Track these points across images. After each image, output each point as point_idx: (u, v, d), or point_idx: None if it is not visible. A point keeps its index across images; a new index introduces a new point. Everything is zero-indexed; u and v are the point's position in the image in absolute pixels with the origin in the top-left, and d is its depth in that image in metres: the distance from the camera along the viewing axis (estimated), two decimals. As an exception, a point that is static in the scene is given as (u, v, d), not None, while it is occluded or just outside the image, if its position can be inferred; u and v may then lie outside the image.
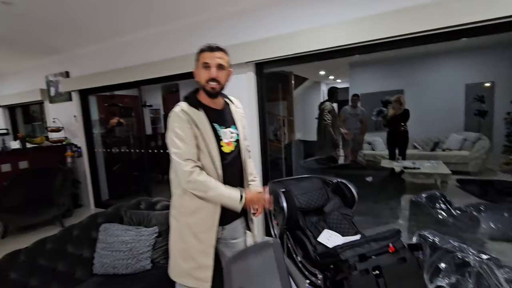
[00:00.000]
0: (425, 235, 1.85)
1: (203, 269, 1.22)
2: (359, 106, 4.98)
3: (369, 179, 3.15)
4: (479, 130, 5.17)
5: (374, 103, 6.10)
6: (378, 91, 6.10)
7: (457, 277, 1.61)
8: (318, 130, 4.13)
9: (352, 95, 5.12)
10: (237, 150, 1.35)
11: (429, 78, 5.67)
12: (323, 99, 6.71)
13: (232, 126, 1.36)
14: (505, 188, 3.61)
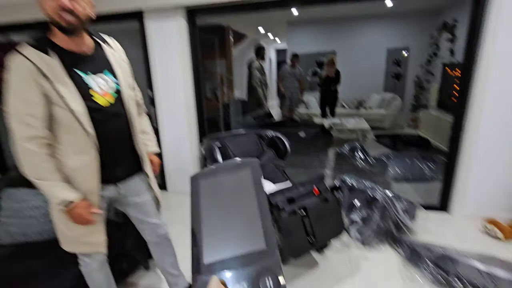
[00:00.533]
0: (345, 178, 2.09)
1: (94, 234, 1.12)
2: (298, 66, 5.10)
3: (302, 135, 3.35)
4: (394, 91, 5.88)
5: (309, 64, 6.32)
6: (314, 51, 6.29)
7: (368, 211, 1.90)
8: (248, 88, 4.12)
9: (292, 55, 5.17)
10: (119, 104, 1.10)
11: (358, 41, 6.06)
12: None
13: (106, 72, 1.08)
14: (409, 140, 4.30)
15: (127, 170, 1.19)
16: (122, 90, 1.11)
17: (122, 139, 1.14)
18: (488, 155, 2.11)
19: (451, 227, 2.17)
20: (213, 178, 0.29)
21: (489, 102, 2.00)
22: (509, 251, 1.86)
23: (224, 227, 0.26)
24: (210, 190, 0.28)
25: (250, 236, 0.25)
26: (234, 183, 0.28)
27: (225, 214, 0.27)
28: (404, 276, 1.65)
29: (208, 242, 0.26)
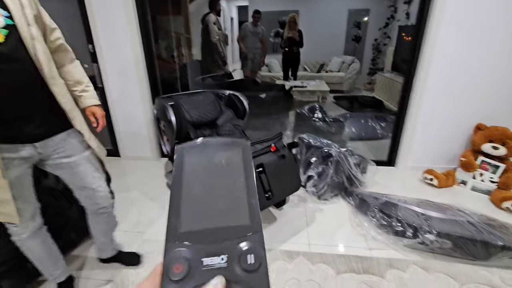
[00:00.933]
0: (303, 137, 2.13)
1: (3, 204, 0.96)
2: (260, 25, 4.84)
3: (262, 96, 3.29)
4: (354, 54, 5.99)
5: (272, 24, 6.07)
6: (276, 10, 6.02)
7: (323, 166, 1.98)
8: (203, 46, 3.84)
9: (254, 11, 4.87)
10: (14, 44, 0.88)
11: (320, 1, 5.90)
12: (223, 17, 6.20)
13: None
14: (365, 101, 4.49)
15: (44, 127, 1.00)
16: (19, 27, 0.88)
17: (26, 89, 0.94)
18: (430, 112, 2.28)
19: (396, 178, 2.38)
20: (200, 152, 0.27)
21: (435, 64, 2.12)
22: (441, 196, 2.11)
23: (206, 199, 0.24)
24: (195, 163, 0.26)
25: (234, 211, 0.23)
26: (222, 160, 0.26)
27: (208, 188, 0.24)
28: (353, 223, 1.80)
29: (187, 211, 0.23)
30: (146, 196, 2.11)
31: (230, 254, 0.21)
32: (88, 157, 1.16)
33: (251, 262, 0.20)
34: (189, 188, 0.24)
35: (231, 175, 0.25)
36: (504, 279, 1.39)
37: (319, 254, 1.54)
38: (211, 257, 0.21)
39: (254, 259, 0.21)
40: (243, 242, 0.21)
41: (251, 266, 0.20)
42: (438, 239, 1.47)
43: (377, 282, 1.38)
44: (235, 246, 0.21)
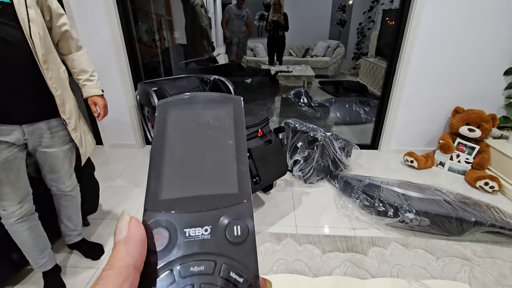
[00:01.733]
0: (289, 122, 2.14)
1: None
2: (245, 8, 4.70)
3: (248, 81, 3.25)
4: (339, 38, 5.98)
5: (256, 7, 5.91)
6: (261, -8, 5.86)
7: (309, 151, 2.01)
8: (188, 30, 3.71)
9: (238, -9, 4.71)
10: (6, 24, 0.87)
11: (306, -17, 5.79)
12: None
13: None
14: (350, 86, 4.54)
15: (33, 108, 1.00)
16: (16, 7, 0.87)
17: (17, 69, 0.93)
18: (411, 97, 2.34)
19: (378, 161, 2.46)
20: (186, 108, 0.24)
21: (417, 48, 2.17)
22: (421, 177, 2.21)
23: (191, 163, 0.21)
24: (180, 121, 0.23)
25: (221, 178, 0.21)
26: (210, 118, 0.23)
27: (194, 150, 0.22)
28: (338, 205, 1.86)
29: (169, 176, 0.21)
30: (132, 184, 2.08)
31: (214, 225, 0.19)
32: (67, 151, 1.16)
33: (237, 234, 0.19)
34: (172, 150, 0.22)
35: (220, 137, 0.23)
36: (475, 251, 1.49)
37: (305, 235, 1.59)
38: (194, 228, 0.19)
39: (240, 231, 0.19)
40: (229, 212, 0.20)
41: (237, 238, 0.19)
42: (417, 217, 1.55)
43: (360, 259, 1.45)
44: (221, 216, 0.20)
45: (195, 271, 0.18)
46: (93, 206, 1.62)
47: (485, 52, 2.14)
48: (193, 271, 0.18)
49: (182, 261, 0.18)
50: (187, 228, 0.19)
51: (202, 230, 0.19)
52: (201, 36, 3.57)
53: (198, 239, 0.19)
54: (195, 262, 0.18)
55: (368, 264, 1.42)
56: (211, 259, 0.18)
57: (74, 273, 1.39)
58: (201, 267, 0.18)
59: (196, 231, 0.19)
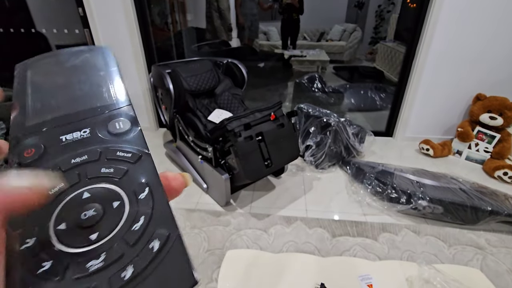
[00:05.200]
0: (302, 107, 2.11)
1: None
2: (256, -12, 4.56)
3: (260, 65, 3.21)
4: (356, 22, 5.75)
5: (271, -12, 5.73)
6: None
7: (321, 136, 1.99)
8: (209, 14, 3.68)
9: (250, -28, 4.57)
10: None
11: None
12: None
13: None
14: (365, 72, 4.41)
15: None
16: None
17: None
18: (431, 83, 2.25)
19: (393, 148, 2.41)
20: (48, 57, 0.22)
21: (439, 32, 2.06)
22: (436, 166, 2.16)
23: (59, 90, 0.20)
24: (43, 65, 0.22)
25: (94, 94, 0.20)
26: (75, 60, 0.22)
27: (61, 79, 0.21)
28: (350, 191, 1.85)
29: (34, 102, 0.19)
30: (146, 165, 2.13)
31: (93, 125, 0.19)
32: None
33: (120, 127, 0.19)
34: (35, 78, 0.20)
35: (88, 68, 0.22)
36: (489, 241, 1.47)
37: (316, 219, 1.61)
38: (71, 133, 0.18)
39: (122, 125, 0.19)
40: (109, 115, 0.19)
41: (120, 130, 0.19)
42: (430, 204, 1.53)
43: (370, 244, 1.45)
44: (100, 119, 0.19)
45: (78, 161, 0.17)
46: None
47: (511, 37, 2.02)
48: (76, 162, 0.17)
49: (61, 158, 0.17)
50: (63, 135, 0.18)
51: (81, 132, 0.19)
52: (220, 18, 3.55)
53: (78, 139, 0.18)
54: (76, 154, 0.18)
55: (378, 249, 1.42)
56: (93, 148, 0.18)
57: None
58: (84, 156, 0.18)
59: (73, 135, 0.18)
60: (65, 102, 0.20)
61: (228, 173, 1.58)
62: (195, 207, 1.70)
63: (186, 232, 1.51)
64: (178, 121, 1.83)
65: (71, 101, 0.20)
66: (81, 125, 0.19)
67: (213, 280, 1.25)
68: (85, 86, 0.21)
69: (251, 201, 1.76)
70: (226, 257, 1.34)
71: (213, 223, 1.57)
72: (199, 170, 1.83)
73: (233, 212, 1.65)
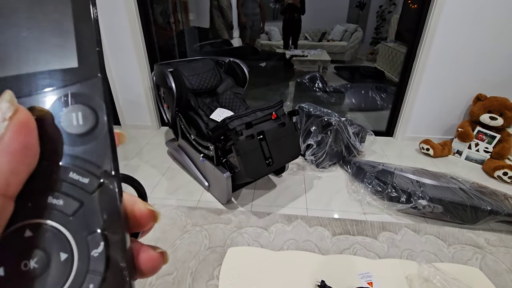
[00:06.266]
0: (303, 106, 2.13)
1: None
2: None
3: (262, 64, 3.22)
4: (357, 22, 5.76)
5: (272, -12, 5.74)
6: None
7: (322, 135, 2.00)
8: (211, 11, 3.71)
9: (251, -28, 4.58)
10: None
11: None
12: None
13: None
14: (366, 72, 4.41)
15: None
16: None
17: None
18: (431, 83, 2.26)
19: (393, 148, 2.42)
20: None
21: (440, 33, 2.07)
22: (436, 165, 2.17)
23: (7, 42, 0.14)
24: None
25: (53, 51, 0.14)
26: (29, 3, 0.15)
27: (10, 27, 0.14)
28: (350, 190, 1.87)
29: None
30: (147, 164, 2.15)
31: (53, 106, 0.14)
32: None
33: (78, 123, 0.14)
34: None
35: (46, 9, 0.14)
36: (488, 240, 1.48)
37: (316, 217, 1.62)
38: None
39: (83, 119, 0.14)
40: (65, 94, 0.14)
41: (79, 129, 0.14)
42: (430, 204, 1.54)
43: (370, 243, 1.46)
44: (52, 101, 0.14)
45: None
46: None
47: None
48: None
49: None
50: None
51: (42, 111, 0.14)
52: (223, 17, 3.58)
53: None
54: None
55: (378, 248, 1.43)
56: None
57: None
58: None
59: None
60: (16, 57, 0.14)
61: (229, 171, 1.59)
62: (196, 205, 1.71)
63: (188, 229, 1.52)
64: (180, 119, 1.84)
65: (22, 57, 0.14)
66: (35, 100, 0.14)
67: (214, 278, 1.26)
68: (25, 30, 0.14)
69: (252, 199, 1.77)
70: (227, 254, 1.36)
71: (214, 221, 1.58)
72: (201, 168, 1.84)
73: (234, 210, 1.67)
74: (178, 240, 1.45)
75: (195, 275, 1.27)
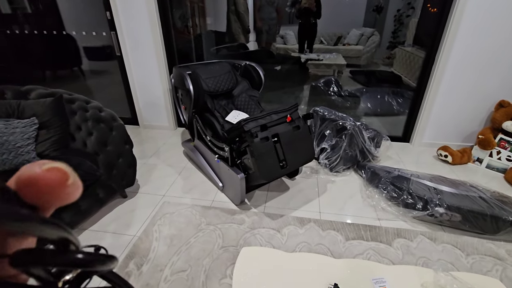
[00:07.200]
0: (318, 110, 2.13)
1: None
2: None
3: (277, 68, 3.25)
4: (374, 26, 5.69)
5: (288, -8, 5.77)
6: (294, -23, 5.69)
7: (337, 139, 1.99)
8: (228, 16, 3.78)
9: (269, -23, 4.63)
10: None
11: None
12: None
13: None
14: (383, 76, 4.36)
15: None
16: None
17: None
18: (451, 88, 2.21)
19: (409, 154, 2.37)
20: None
21: (460, 37, 2.03)
22: (455, 173, 2.11)
23: None
24: None
25: None
26: None
27: None
28: (364, 195, 1.85)
29: None
30: (164, 163, 2.21)
31: None
32: None
33: None
34: None
35: None
36: (510, 252, 1.43)
37: (329, 221, 1.61)
38: None
39: None
40: None
41: None
42: (448, 212, 1.51)
43: (384, 249, 1.44)
44: None
45: None
46: (131, 180, 1.76)
47: (540, 41, 1.95)
48: None
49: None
50: None
51: None
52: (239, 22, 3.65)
53: None
54: None
55: (392, 254, 1.41)
56: None
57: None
58: None
59: None
60: None
61: (243, 172, 1.62)
62: (210, 205, 1.74)
63: (202, 228, 1.55)
64: (197, 120, 1.89)
65: None
66: None
67: (227, 276, 1.28)
68: None
69: (265, 201, 1.78)
70: (241, 253, 1.38)
71: (228, 221, 1.60)
72: (216, 169, 1.87)
73: (247, 211, 1.69)
74: (193, 238, 1.48)
75: (208, 272, 1.30)
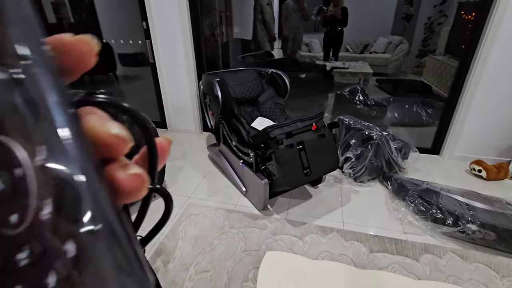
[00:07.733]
0: (343, 118, 2.11)
1: None
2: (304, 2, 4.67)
3: (302, 76, 3.27)
4: (403, 34, 5.55)
5: (314, 1, 5.79)
6: (321, -14, 5.72)
7: (362, 149, 1.97)
8: (254, 24, 3.87)
9: (295, -13, 4.69)
10: None
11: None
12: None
13: None
14: (411, 86, 4.23)
15: None
16: None
17: None
18: (486, 99, 2.11)
19: (439, 167, 2.28)
20: None
21: (498, 45, 1.94)
22: (489, 189, 2.00)
23: None
24: None
25: None
26: None
27: None
28: (390, 206, 1.80)
29: None
30: (190, 166, 2.29)
31: None
32: None
33: None
34: None
35: None
36: (551, 276, 1.33)
37: (352, 232, 1.59)
38: None
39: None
40: None
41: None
42: (481, 229, 1.43)
43: (411, 264, 1.40)
44: None
45: None
46: (161, 181, 1.84)
47: None
48: None
49: None
50: None
51: None
52: (266, 30, 3.73)
53: None
54: None
55: (419, 270, 1.36)
56: None
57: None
58: None
59: None
60: None
61: (267, 178, 1.64)
62: (234, 208, 1.78)
63: (225, 231, 1.59)
64: (223, 126, 1.95)
65: None
66: None
67: (249, 280, 1.30)
68: None
69: (287, 207, 1.79)
70: (265, 257, 1.39)
71: (250, 225, 1.63)
72: (240, 173, 1.91)
73: (269, 216, 1.70)
74: (216, 240, 1.53)
75: (231, 275, 1.32)
